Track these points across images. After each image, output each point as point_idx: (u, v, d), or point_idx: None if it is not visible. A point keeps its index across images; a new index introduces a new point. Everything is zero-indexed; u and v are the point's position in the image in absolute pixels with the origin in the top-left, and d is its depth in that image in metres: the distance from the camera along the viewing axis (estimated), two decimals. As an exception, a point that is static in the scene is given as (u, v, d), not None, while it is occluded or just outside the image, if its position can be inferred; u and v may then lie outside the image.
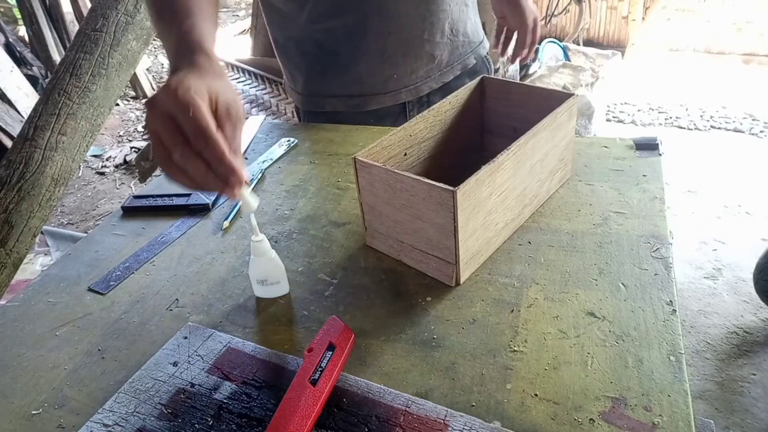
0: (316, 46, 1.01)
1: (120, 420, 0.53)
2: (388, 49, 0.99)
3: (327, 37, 0.99)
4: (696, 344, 1.82)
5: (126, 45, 1.73)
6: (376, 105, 1.04)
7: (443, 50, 1.03)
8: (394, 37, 0.98)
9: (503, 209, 0.69)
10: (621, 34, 4.17)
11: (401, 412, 0.51)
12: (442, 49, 1.03)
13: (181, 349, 0.60)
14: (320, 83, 1.05)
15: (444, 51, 1.03)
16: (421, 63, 1.02)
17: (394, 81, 1.02)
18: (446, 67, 1.05)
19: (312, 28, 0.98)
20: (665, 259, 0.66)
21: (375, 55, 0.99)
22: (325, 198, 0.86)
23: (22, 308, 0.69)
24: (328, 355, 0.54)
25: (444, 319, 0.62)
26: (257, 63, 2.84)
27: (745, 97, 3.41)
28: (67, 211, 2.98)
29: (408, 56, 1.00)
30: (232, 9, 6.57)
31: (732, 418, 1.57)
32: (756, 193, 2.54)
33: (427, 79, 1.04)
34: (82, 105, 1.64)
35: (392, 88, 1.03)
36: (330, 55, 1.01)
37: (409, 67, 1.02)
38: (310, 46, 1.01)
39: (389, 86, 1.03)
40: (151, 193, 0.90)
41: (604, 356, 0.55)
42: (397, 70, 1.01)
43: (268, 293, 0.67)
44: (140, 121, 3.87)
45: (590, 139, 0.93)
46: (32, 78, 3.59)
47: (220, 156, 0.52)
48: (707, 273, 2.11)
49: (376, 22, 0.96)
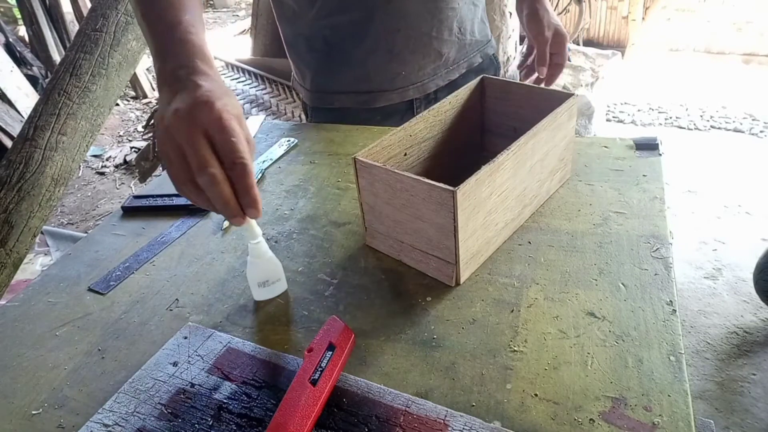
0: (324, 42, 1.01)
1: (120, 420, 0.53)
2: (396, 46, 0.99)
3: (335, 33, 0.99)
4: (696, 344, 1.82)
5: (126, 45, 1.73)
6: (384, 102, 1.05)
7: (451, 48, 1.03)
8: (402, 34, 0.98)
9: (503, 209, 0.69)
10: (621, 34, 4.17)
11: (401, 412, 0.51)
12: (449, 47, 1.03)
13: (181, 349, 0.60)
14: (328, 79, 1.06)
15: (452, 49, 1.03)
16: (428, 60, 1.02)
17: (401, 78, 1.02)
18: (453, 65, 1.06)
19: (320, 24, 0.98)
20: (665, 259, 0.66)
21: (383, 52, 0.99)
22: (325, 198, 0.86)
23: (22, 308, 0.69)
24: (328, 355, 0.54)
25: (444, 319, 0.62)
26: (257, 63, 2.84)
27: (745, 97, 3.42)
28: (67, 211, 2.98)
29: (416, 53, 1.00)
30: (232, 9, 6.57)
31: (732, 418, 1.57)
32: (756, 193, 2.54)
33: (434, 76, 1.04)
34: (82, 105, 1.64)
35: (400, 85, 1.03)
36: (338, 52, 1.01)
37: (416, 64, 1.02)
38: (319, 43, 1.01)
39: (397, 83, 1.03)
40: (151, 193, 0.90)
41: (604, 356, 0.55)
42: (405, 67, 1.01)
43: (268, 294, 0.67)
44: (140, 121, 3.87)
45: (590, 139, 0.93)
46: (32, 78, 3.60)
47: (250, 186, 0.52)
48: (707, 273, 2.11)
49: (383, 19, 0.96)
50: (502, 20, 2.69)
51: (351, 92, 1.05)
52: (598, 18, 4.19)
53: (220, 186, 0.51)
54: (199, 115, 0.51)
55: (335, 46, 1.00)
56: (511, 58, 2.49)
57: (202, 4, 0.71)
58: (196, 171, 0.51)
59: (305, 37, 1.03)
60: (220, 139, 0.51)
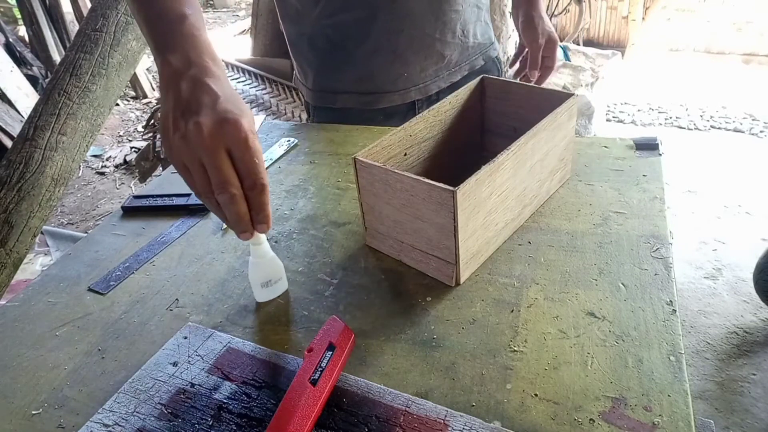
0: (327, 41, 1.01)
1: (120, 420, 0.53)
2: (399, 47, 0.99)
3: (338, 33, 0.99)
4: (696, 344, 1.82)
5: (126, 45, 1.73)
6: (387, 103, 1.05)
7: (453, 50, 1.03)
8: (406, 35, 0.98)
9: (503, 209, 0.69)
10: (621, 34, 4.17)
11: (401, 412, 0.51)
12: (452, 50, 1.03)
13: (181, 349, 0.60)
14: (331, 79, 1.06)
15: (454, 51, 1.03)
16: (430, 62, 1.02)
17: (404, 79, 1.02)
18: (455, 67, 1.06)
19: (323, 23, 0.98)
20: (665, 259, 0.66)
21: (386, 53, 0.99)
22: (325, 198, 0.86)
23: (22, 308, 0.69)
24: (328, 355, 0.54)
25: (444, 319, 0.62)
26: (257, 63, 2.84)
27: (745, 97, 3.42)
28: (67, 211, 2.98)
29: (418, 54, 1.00)
30: (232, 9, 6.57)
31: (732, 418, 1.57)
32: (756, 193, 2.54)
33: (436, 78, 1.04)
34: (82, 105, 1.64)
35: (402, 86, 1.03)
36: (341, 51, 1.01)
37: (419, 65, 1.02)
38: (322, 42, 1.01)
39: (399, 85, 1.03)
40: (151, 193, 0.90)
41: (604, 356, 0.55)
42: (407, 68, 1.01)
43: (270, 294, 0.67)
44: (140, 121, 3.87)
45: (590, 139, 0.93)
46: (32, 78, 3.60)
47: (265, 204, 0.54)
48: (707, 273, 2.11)
49: (387, 19, 0.96)
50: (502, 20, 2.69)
51: (354, 92, 1.05)
52: (598, 18, 4.19)
53: (238, 205, 0.53)
54: (226, 133, 0.51)
55: (338, 45, 1.00)
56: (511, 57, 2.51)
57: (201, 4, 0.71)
58: (217, 188, 0.52)
59: (308, 36, 1.03)
60: (245, 158, 0.52)
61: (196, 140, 0.51)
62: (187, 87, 0.54)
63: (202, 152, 0.51)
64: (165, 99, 0.55)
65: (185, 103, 0.53)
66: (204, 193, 0.54)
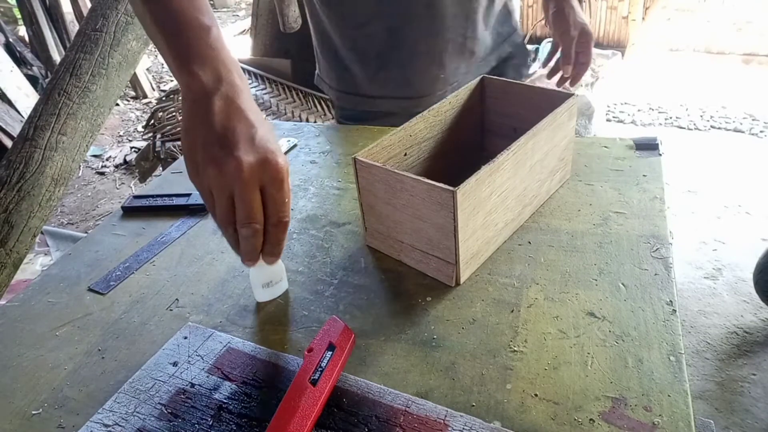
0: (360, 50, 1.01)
1: (120, 420, 0.53)
2: (435, 50, 0.99)
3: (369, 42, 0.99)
4: (696, 344, 1.82)
5: (126, 45, 1.73)
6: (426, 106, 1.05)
7: (482, 46, 1.03)
8: (441, 38, 0.98)
9: (503, 209, 0.69)
10: (621, 34, 4.17)
11: (401, 412, 0.51)
12: (481, 45, 1.03)
13: (181, 349, 0.60)
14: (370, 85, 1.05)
15: (483, 46, 1.04)
16: (462, 60, 1.02)
17: (441, 81, 1.03)
18: (482, 61, 1.06)
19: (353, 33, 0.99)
20: (665, 259, 0.66)
21: (424, 57, 0.99)
22: (325, 198, 0.86)
23: (22, 308, 0.69)
24: (328, 355, 0.54)
25: (444, 319, 0.62)
26: (257, 63, 2.84)
27: (745, 97, 3.41)
28: (67, 211, 2.98)
29: (453, 55, 1.00)
30: (232, 9, 6.57)
31: (732, 418, 1.57)
32: (756, 193, 2.54)
33: (467, 74, 1.05)
34: (82, 105, 1.64)
35: (440, 88, 1.03)
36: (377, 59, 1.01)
37: (453, 65, 1.02)
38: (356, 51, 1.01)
39: (437, 87, 1.03)
40: (151, 193, 0.90)
41: (604, 356, 0.55)
42: (443, 70, 1.01)
43: (271, 294, 0.67)
44: (140, 121, 3.87)
45: (590, 139, 0.93)
46: (32, 78, 3.60)
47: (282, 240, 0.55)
48: (707, 273, 2.11)
49: (425, 24, 0.96)
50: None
51: (392, 97, 1.05)
52: (598, 18, 4.19)
53: (258, 239, 0.53)
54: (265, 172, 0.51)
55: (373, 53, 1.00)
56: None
57: None
58: (242, 221, 0.52)
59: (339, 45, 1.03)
60: (277, 198, 0.53)
61: (233, 175, 0.50)
62: (220, 110, 0.52)
63: (236, 187, 0.51)
64: (193, 116, 0.53)
65: (221, 131, 0.52)
66: (225, 222, 0.53)
